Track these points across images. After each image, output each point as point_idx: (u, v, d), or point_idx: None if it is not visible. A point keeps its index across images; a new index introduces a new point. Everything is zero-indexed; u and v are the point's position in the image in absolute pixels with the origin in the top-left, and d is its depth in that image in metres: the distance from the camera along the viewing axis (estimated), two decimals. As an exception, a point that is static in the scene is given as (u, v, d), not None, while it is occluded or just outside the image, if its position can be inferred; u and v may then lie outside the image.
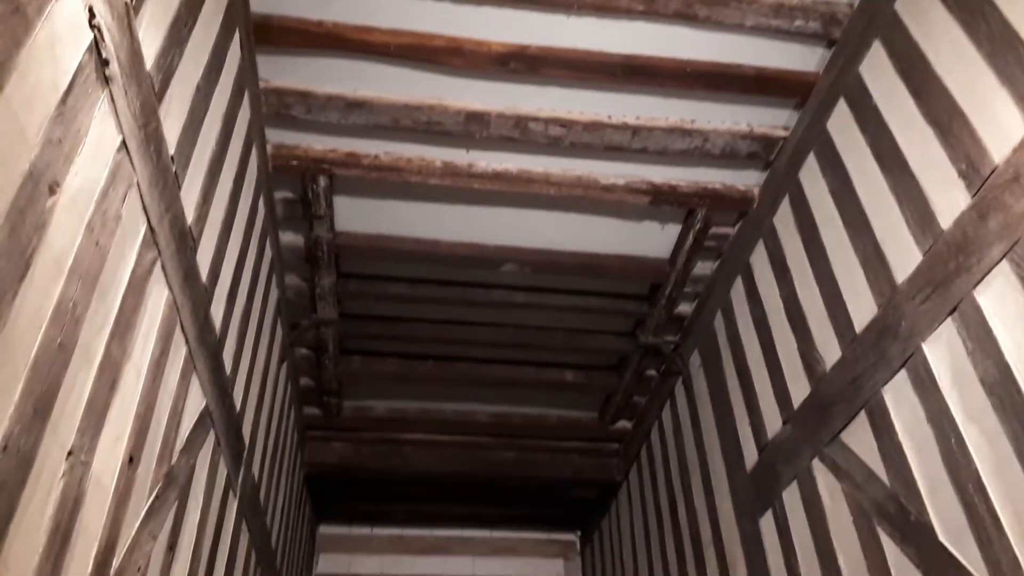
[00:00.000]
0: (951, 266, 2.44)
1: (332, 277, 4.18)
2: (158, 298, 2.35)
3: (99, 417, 1.95)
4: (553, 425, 5.76)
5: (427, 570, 6.49)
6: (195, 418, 2.78)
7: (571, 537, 6.93)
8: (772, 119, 3.52)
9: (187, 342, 2.62)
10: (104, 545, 2.03)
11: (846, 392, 2.99)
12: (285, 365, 4.58)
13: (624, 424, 5.74)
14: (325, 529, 6.57)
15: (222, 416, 3.10)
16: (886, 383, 2.78)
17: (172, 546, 2.60)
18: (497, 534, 6.81)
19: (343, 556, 6.47)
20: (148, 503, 2.35)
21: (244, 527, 3.66)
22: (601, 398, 5.57)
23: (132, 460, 2.19)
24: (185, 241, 2.48)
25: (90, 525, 1.95)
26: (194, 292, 2.61)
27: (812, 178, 3.36)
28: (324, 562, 6.41)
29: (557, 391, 5.42)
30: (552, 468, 5.91)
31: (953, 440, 2.43)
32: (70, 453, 1.79)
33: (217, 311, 2.95)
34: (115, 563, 2.12)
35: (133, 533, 2.24)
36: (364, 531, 6.62)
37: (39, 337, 1.60)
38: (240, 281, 3.26)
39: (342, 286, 4.32)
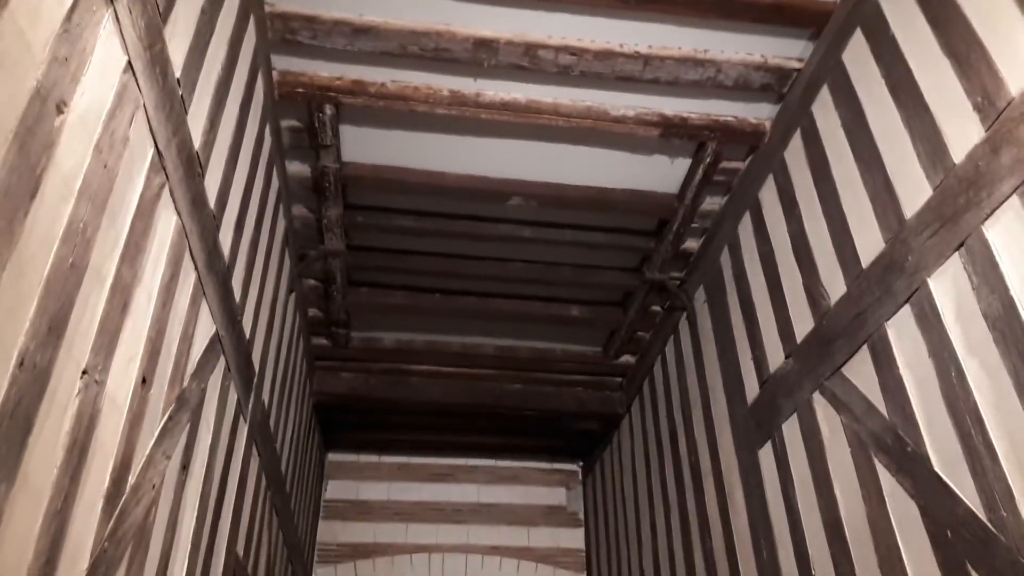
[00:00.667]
0: (961, 201, 2.42)
1: (339, 208, 4.18)
2: (167, 223, 2.36)
3: (112, 338, 1.99)
4: (558, 359, 5.83)
5: (433, 496, 6.66)
6: (205, 343, 2.82)
7: (573, 467, 7.08)
8: (786, 50, 3.45)
9: (196, 268, 2.64)
10: (120, 462, 2.09)
11: (849, 327, 3.01)
12: (293, 296, 4.62)
13: (628, 359, 5.80)
14: (334, 457, 6.72)
15: (232, 343, 3.14)
16: (890, 318, 2.79)
17: (185, 466, 2.67)
18: (501, 463, 6.95)
19: (351, 483, 6.63)
20: (161, 424, 2.40)
21: (255, 452, 3.75)
22: (606, 333, 5.62)
23: (145, 381, 2.23)
24: (192, 166, 2.48)
25: (106, 442, 2.00)
26: (202, 218, 2.62)
27: (825, 111, 3.32)
28: (333, 488, 6.58)
29: (562, 326, 5.47)
30: (556, 401, 6.01)
31: (953, 374, 2.45)
32: (85, 372, 1.83)
33: (225, 238, 2.96)
34: (131, 480, 2.18)
35: (148, 452, 2.29)
36: (372, 459, 6.77)
37: (51, 256, 1.62)
38: (247, 209, 3.26)
39: (349, 218, 4.32)
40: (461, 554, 6.40)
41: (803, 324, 3.39)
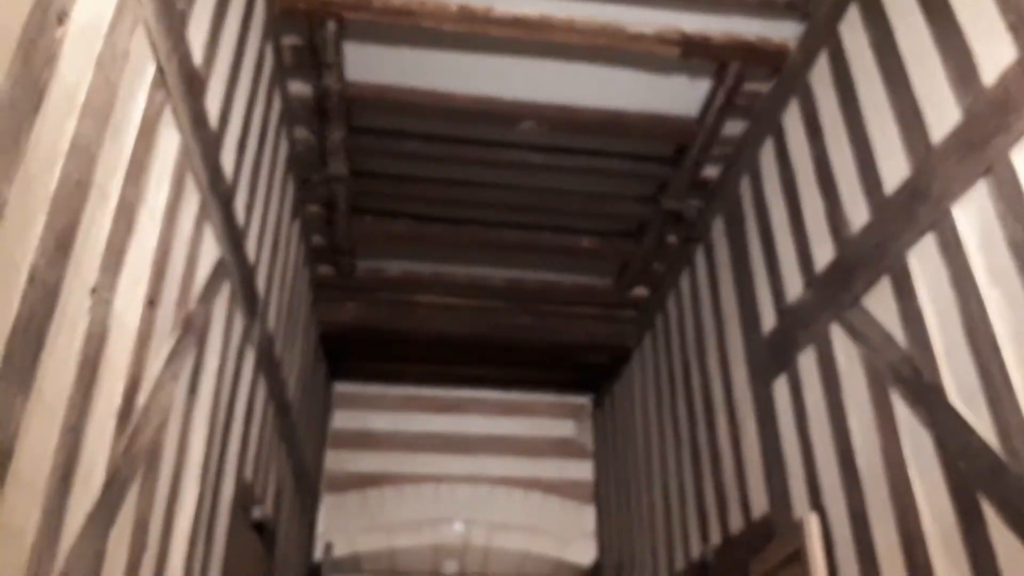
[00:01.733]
0: (990, 125, 2.33)
1: (342, 131, 4.07)
2: (169, 141, 2.32)
3: (118, 257, 1.96)
4: (568, 291, 5.77)
5: (441, 427, 6.68)
6: (210, 268, 2.78)
7: (583, 400, 7.07)
8: (814, -36, 3.29)
9: (199, 189, 2.59)
10: (130, 383, 2.07)
11: (870, 256, 2.95)
12: (297, 222, 4.55)
13: (640, 291, 5.74)
14: (340, 387, 6.74)
15: (236, 268, 3.10)
16: (912, 246, 2.74)
17: (193, 390, 2.65)
18: (510, 396, 6.94)
19: (358, 413, 6.65)
20: (169, 346, 2.38)
21: (261, 379, 3.74)
22: (618, 265, 5.55)
23: (152, 303, 2.20)
24: (193, 84, 2.42)
25: (116, 362, 1.98)
26: (204, 138, 2.56)
27: (852, 30, 3.18)
28: (340, 418, 6.61)
29: (573, 257, 5.40)
30: (566, 334, 5.97)
31: (974, 303, 2.41)
32: (93, 291, 1.82)
33: (227, 160, 2.89)
34: (141, 400, 2.16)
35: (157, 374, 2.28)
36: (378, 389, 6.77)
37: (57, 172, 1.61)
38: (249, 130, 3.19)
39: (353, 141, 4.21)
40: (469, 484, 6.46)
41: (823, 254, 3.32)
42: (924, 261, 2.68)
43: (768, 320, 3.83)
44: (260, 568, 3.96)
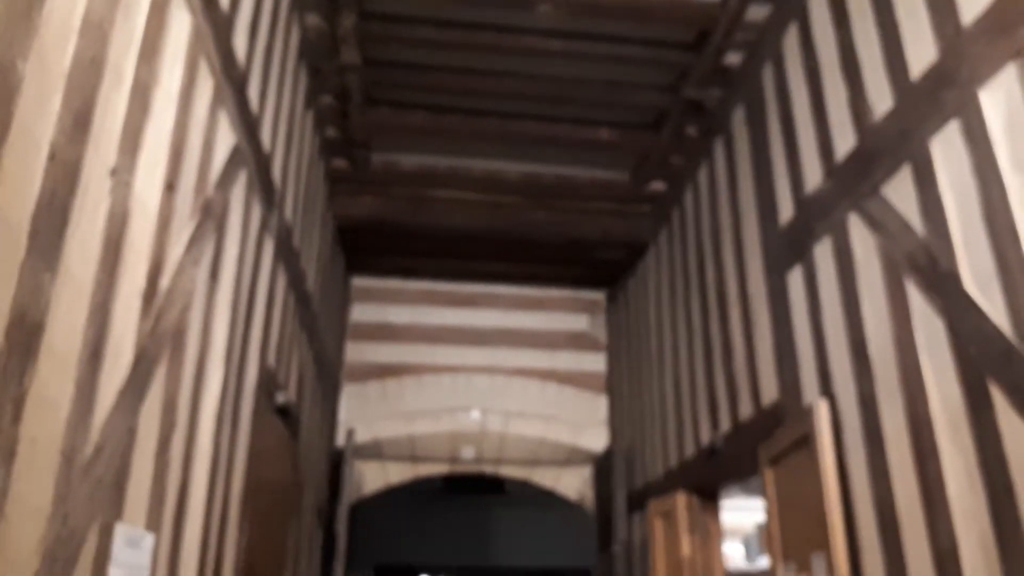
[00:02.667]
0: (1021, 4, 2.24)
1: (353, 16, 3.96)
2: (180, 22, 2.29)
3: (135, 138, 1.97)
4: (584, 185, 5.73)
5: (457, 321, 6.80)
6: (226, 154, 2.78)
7: (597, 295, 7.14)
8: None
9: (212, 74, 2.57)
10: (153, 265, 2.12)
11: (893, 144, 2.90)
12: (311, 113, 4.50)
13: (657, 185, 5.69)
14: (359, 281, 6.82)
15: (252, 155, 3.09)
16: (935, 133, 2.68)
17: (215, 275, 2.70)
18: (525, 290, 7.01)
19: (376, 306, 6.76)
20: (189, 231, 2.41)
21: (281, 268, 3.79)
22: (635, 158, 5.47)
23: (171, 186, 2.22)
24: (203, -40, 2.35)
25: (138, 243, 2.02)
26: (215, 19, 2.52)
27: (887, -95, 3.01)
28: (358, 311, 6.72)
29: (590, 150, 5.33)
30: (581, 228, 5.96)
31: (995, 190, 2.39)
32: (113, 172, 1.84)
33: (239, 44, 2.85)
34: (164, 283, 2.21)
35: (178, 258, 2.32)
36: (396, 284, 6.86)
37: (71, 49, 1.61)
38: (260, 14, 3.13)
39: (365, 28, 4.10)
40: (486, 375, 6.62)
41: (844, 143, 3.26)
42: (947, 148, 2.63)
43: (786, 211, 3.80)
44: (286, 451, 4.14)
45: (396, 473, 6.66)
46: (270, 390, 3.59)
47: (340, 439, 6.07)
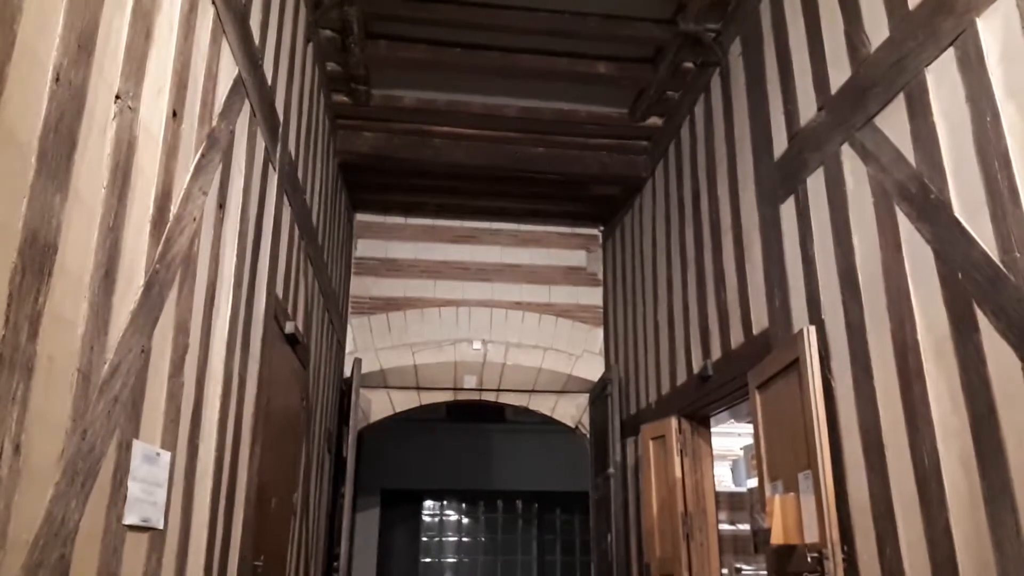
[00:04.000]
0: (1022, -70, 2.25)
1: (353, -55, 3.93)
2: (178, -54, 2.27)
3: (139, 64, 2.00)
4: (582, 121, 5.73)
5: (458, 256, 6.93)
6: (229, 84, 2.80)
7: (594, 231, 7.23)
8: None
9: (214, 3, 2.57)
10: (160, 191, 2.18)
11: (888, 74, 2.92)
12: (311, 46, 4.49)
13: (654, 121, 5.69)
14: (361, 217, 6.89)
15: (255, 87, 3.12)
16: (931, 63, 2.71)
17: (222, 205, 2.76)
18: (524, 227, 7.12)
19: (380, 242, 6.86)
20: (195, 160, 2.46)
21: (286, 200, 3.85)
22: (633, 93, 5.46)
23: (175, 114, 2.26)
24: None
25: (146, 169, 2.07)
26: (214, -55, 2.51)
27: None
28: (362, 247, 6.82)
29: (588, 85, 5.32)
30: (579, 164, 6.01)
31: (988, 118, 2.43)
32: (118, 97, 1.87)
33: (240, -27, 2.84)
34: (173, 209, 2.28)
35: (185, 185, 2.37)
36: (398, 220, 6.94)
37: None
38: (260, -57, 3.10)
39: (365, -40, 4.07)
40: (486, 308, 6.76)
41: (839, 74, 3.28)
42: (942, 77, 2.66)
43: (780, 144, 3.83)
44: (296, 379, 4.27)
45: (401, 401, 6.85)
46: (279, 319, 3.69)
47: (347, 369, 6.22)
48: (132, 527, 2.04)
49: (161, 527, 2.24)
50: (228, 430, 2.93)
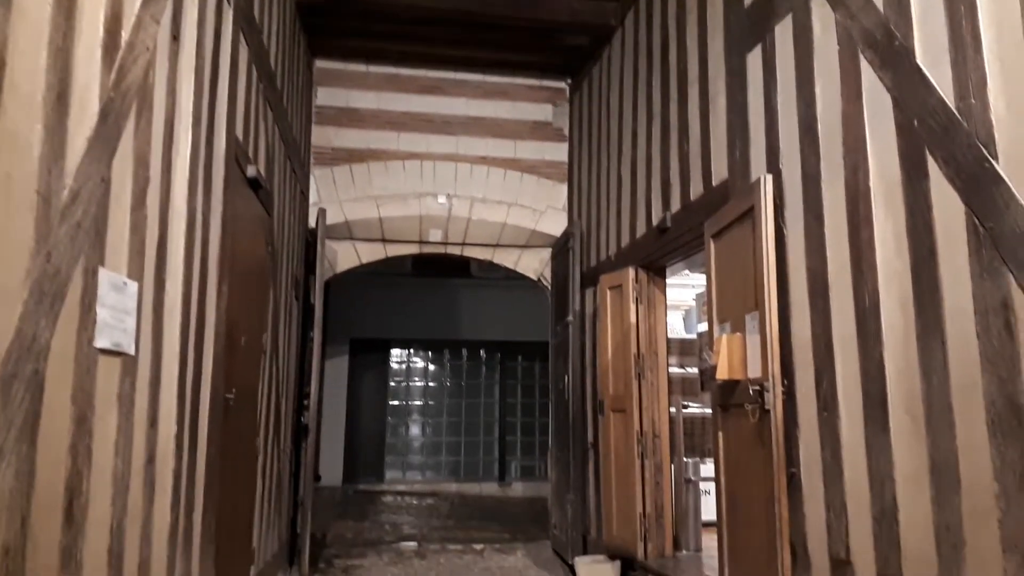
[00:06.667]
0: None
1: None
2: None
3: None
4: (552, -36, 5.50)
5: (422, 108, 6.75)
6: (177, -96, 2.64)
7: (561, 84, 7.09)
8: None
9: None
10: (110, 13, 2.10)
11: (863, -88, 2.84)
12: None
13: (626, -35, 5.49)
14: (321, 63, 6.65)
15: (204, -91, 2.94)
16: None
17: (176, 36, 2.67)
18: (490, 78, 6.94)
19: (341, 91, 6.66)
20: (145, -15, 2.35)
21: (242, 39, 3.71)
22: (605, -67, 5.23)
23: (121, -69, 2.15)
24: None
25: (90, -10, 1.99)
26: None
27: None
28: (323, 95, 6.62)
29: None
30: (548, 9, 5.83)
31: (957, -38, 2.40)
32: None
33: None
34: (124, 36, 2.21)
35: (136, 11, 2.29)
36: (359, 68, 6.71)
37: None
38: None
39: None
40: (451, 162, 6.70)
41: (815, -88, 3.18)
42: (914, -82, 2.61)
43: (752, -9, 3.76)
44: (260, 225, 4.27)
45: (367, 253, 6.90)
46: (240, 162, 3.65)
47: (312, 220, 6.22)
48: (104, 351, 2.11)
49: (133, 353, 2.32)
50: (195, 267, 2.97)
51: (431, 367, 12.10)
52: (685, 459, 5.30)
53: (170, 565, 2.73)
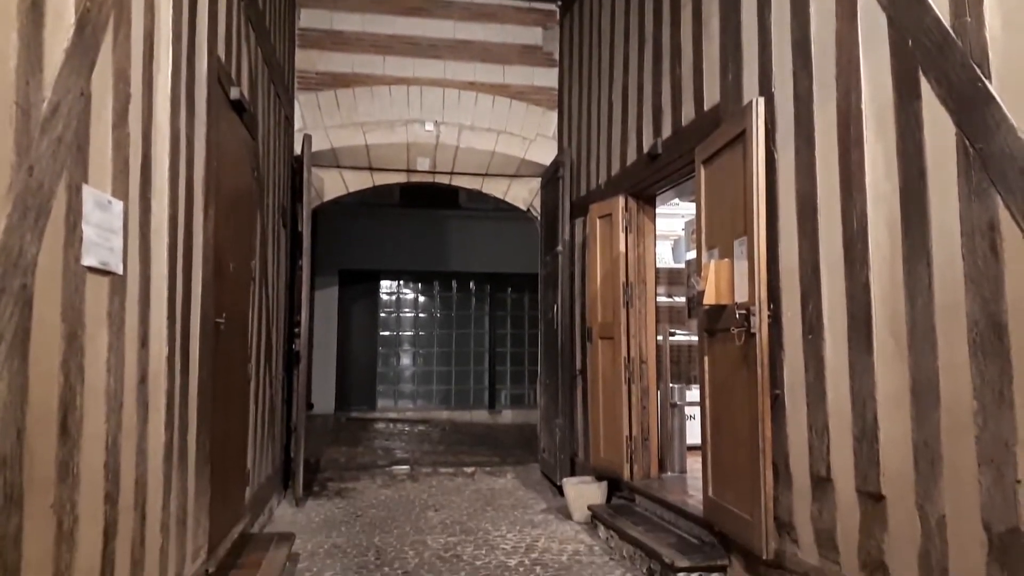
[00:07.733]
0: None
1: None
2: None
3: None
4: None
5: (409, 30, 6.59)
6: None
7: (551, 6, 6.92)
8: None
9: None
10: (81, -81, 2.02)
11: None
12: None
13: None
14: (303, -18, 6.46)
15: None
16: None
17: (152, -55, 2.57)
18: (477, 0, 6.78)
19: (324, 12, 6.47)
20: None
21: (222, -46, 3.59)
22: None
23: None
24: None
25: None
26: None
27: None
28: (306, 16, 6.43)
29: None
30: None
31: None
32: None
33: None
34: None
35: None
36: (343, -14, 6.53)
37: None
38: None
39: None
40: (438, 88, 6.58)
41: None
42: None
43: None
44: (246, 149, 4.20)
45: (354, 181, 6.83)
46: (223, 83, 3.57)
47: (297, 147, 6.12)
48: (91, 269, 2.10)
49: (120, 272, 2.30)
50: (180, 189, 2.93)
51: (421, 298, 12.14)
52: (671, 384, 5.39)
53: (166, 481, 2.78)
